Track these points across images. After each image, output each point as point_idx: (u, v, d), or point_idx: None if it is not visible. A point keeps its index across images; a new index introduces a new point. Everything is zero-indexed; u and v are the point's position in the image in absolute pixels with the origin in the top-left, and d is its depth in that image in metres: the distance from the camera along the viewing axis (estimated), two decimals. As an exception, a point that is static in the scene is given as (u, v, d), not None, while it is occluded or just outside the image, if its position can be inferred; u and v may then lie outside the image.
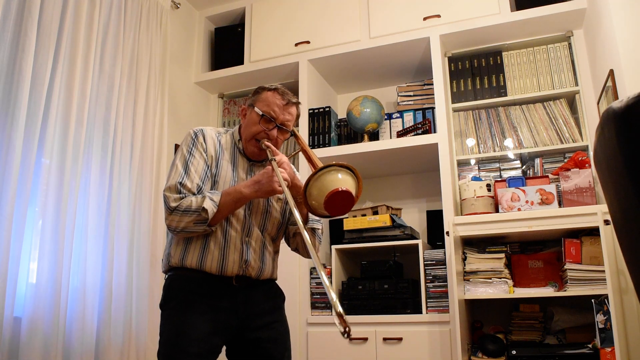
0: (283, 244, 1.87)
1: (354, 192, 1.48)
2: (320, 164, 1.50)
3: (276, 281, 1.81)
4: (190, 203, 1.55)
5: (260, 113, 1.70)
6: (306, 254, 1.80)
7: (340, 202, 1.45)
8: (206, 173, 1.66)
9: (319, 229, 1.77)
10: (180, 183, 1.60)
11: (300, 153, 1.78)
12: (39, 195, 2.18)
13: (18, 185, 2.03)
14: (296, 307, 2.79)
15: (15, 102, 2.06)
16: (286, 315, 1.79)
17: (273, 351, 1.68)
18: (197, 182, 1.62)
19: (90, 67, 2.45)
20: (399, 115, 3.20)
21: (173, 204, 1.57)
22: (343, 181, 1.46)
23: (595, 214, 2.23)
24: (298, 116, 1.81)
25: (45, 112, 2.20)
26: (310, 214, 1.71)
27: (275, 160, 1.62)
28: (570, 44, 2.87)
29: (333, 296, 1.13)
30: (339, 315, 1.09)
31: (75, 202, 2.29)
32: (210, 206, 1.54)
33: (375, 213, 2.97)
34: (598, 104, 2.60)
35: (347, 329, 1.09)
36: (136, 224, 2.62)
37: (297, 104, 1.78)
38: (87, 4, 2.47)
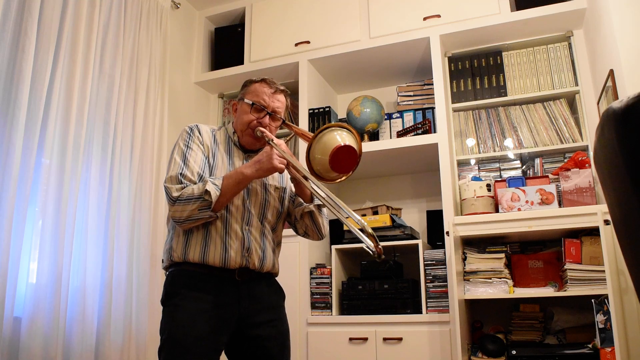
0: (285, 243, 1.88)
1: (355, 147, 1.50)
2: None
3: (277, 278, 1.82)
4: (192, 191, 1.57)
5: (251, 103, 1.75)
6: (316, 236, 1.81)
7: (345, 157, 1.48)
8: (204, 163, 1.69)
9: (324, 206, 1.78)
10: (181, 174, 1.61)
11: (301, 142, 1.82)
12: (39, 195, 2.18)
13: (18, 185, 2.03)
14: (296, 307, 2.79)
15: (15, 102, 2.06)
16: (286, 315, 1.79)
17: (273, 349, 1.68)
18: (197, 171, 1.65)
19: (90, 67, 2.45)
20: (399, 115, 3.20)
21: (175, 194, 1.58)
22: (343, 137, 1.49)
23: (595, 214, 2.23)
24: (288, 106, 1.86)
25: (45, 112, 2.20)
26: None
27: (273, 141, 1.66)
28: (570, 44, 2.87)
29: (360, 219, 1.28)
30: (371, 236, 1.21)
31: (75, 202, 2.29)
32: (212, 189, 1.56)
33: (375, 213, 2.97)
34: (598, 104, 2.60)
35: (378, 248, 1.18)
36: (136, 224, 2.62)
37: (285, 92, 1.83)
38: (87, 4, 2.47)
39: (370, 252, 1.23)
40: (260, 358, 1.67)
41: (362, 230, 1.37)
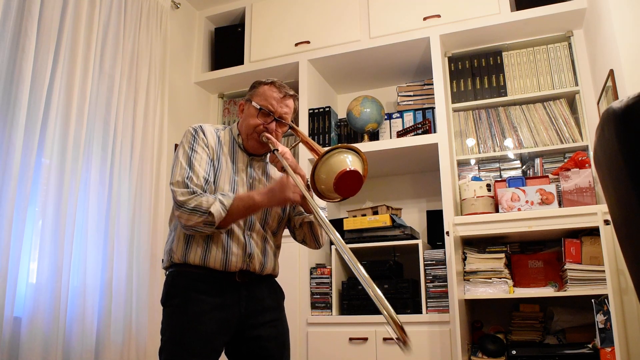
0: (285, 243, 1.88)
1: (361, 172, 1.50)
2: (323, 150, 1.52)
3: (277, 279, 1.82)
4: (200, 203, 1.54)
5: (258, 107, 1.71)
6: (314, 245, 1.80)
7: (350, 182, 1.47)
8: (210, 166, 1.67)
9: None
10: (187, 177, 1.59)
11: (301, 145, 1.79)
12: (39, 195, 2.18)
13: (18, 185, 2.03)
14: (296, 307, 2.79)
15: (15, 102, 2.06)
16: (286, 315, 1.79)
17: (273, 350, 1.68)
18: (203, 175, 1.62)
19: (90, 67, 2.45)
20: (399, 115, 3.20)
21: (181, 198, 1.55)
22: (350, 162, 1.49)
23: (595, 214, 2.24)
24: (296, 109, 1.82)
25: (45, 112, 2.20)
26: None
27: (278, 151, 1.63)
28: (570, 44, 2.87)
29: (381, 296, 1.14)
30: (397, 325, 1.10)
31: (75, 202, 2.29)
32: (218, 210, 1.53)
33: (375, 213, 2.97)
34: (598, 104, 2.60)
35: (404, 339, 1.07)
36: (136, 224, 2.62)
37: (294, 96, 1.79)
38: (87, 4, 2.47)
39: (394, 338, 1.12)
40: (260, 358, 1.67)
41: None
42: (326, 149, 1.51)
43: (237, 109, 1.84)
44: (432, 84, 2.93)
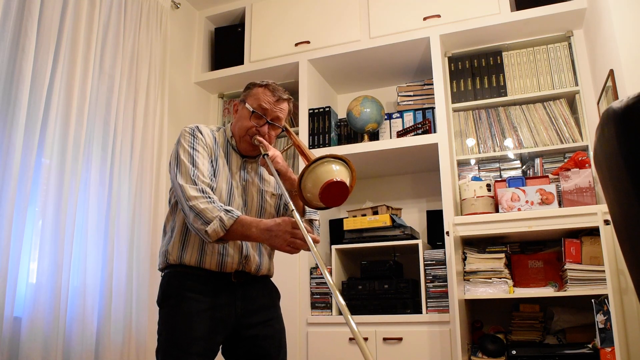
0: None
1: (348, 183, 1.49)
2: (313, 157, 1.51)
3: (272, 279, 1.82)
4: (206, 210, 1.51)
5: (251, 109, 1.71)
6: (304, 248, 1.80)
7: (335, 192, 1.46)
8: (210, 165, 1.67)
9: (316, 220, 1.77)
10: (194, 175, 1.58)
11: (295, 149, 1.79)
12: (39, 195, 2.18)
13: (18, 185, 2.03)
14: (296, 307, 2.78)
15: (15, 102, 2.06)
16: (286, 315, 1.80)
17: (269, 349, 1.68)
18: (207, 174, 1.62)
19: (90, 67, 2.45)
20: (399, 115, 3.20)
21: (193, 193, 1.54)
22: (337, 172, 1.48)
23: (595, 214, 2.23)
24: (290, 112, 1.81)
25: (45, 112, 2.20)
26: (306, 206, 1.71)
27: (268, 155, 1.63)
28: (570, 44, 2.87)
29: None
30: None
31: (75, 202, 2.29)
32: (214, 230, 1.50)
33: (375, 213, 2.97)
34: (598, 104, 2.60)
35: None
36: (136, 224, 2.62)
37: (289, 100, 1.78)
38: (87, 4, 2.47)
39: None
40: (257, 357, 1.67)
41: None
42: (315, 156, 1.50)
43: (232, 110, 1.84)
44: (432, 84, 2.93)
